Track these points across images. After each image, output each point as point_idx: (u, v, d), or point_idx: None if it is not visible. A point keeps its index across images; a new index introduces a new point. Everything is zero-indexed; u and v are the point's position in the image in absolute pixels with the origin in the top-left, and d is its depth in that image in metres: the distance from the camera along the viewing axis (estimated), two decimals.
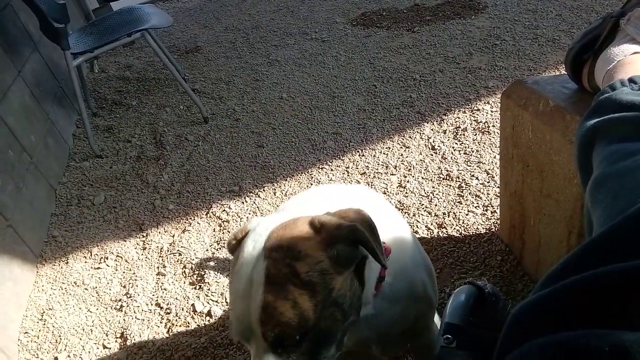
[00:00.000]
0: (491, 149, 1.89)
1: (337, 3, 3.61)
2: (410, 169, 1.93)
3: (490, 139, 1.94)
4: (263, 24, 3.64)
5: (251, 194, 2.03)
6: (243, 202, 1.99)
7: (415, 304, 0.90)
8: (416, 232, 1.66)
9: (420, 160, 1.97)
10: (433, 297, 0.95)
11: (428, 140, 2.06)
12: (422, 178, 1.88)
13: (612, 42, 0.96)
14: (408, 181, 1.87)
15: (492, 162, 1.84)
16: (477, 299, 0.73)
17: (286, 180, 2.06)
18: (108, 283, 1.78)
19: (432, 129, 2.11)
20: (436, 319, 1.07)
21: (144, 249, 1.88)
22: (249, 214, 1.93)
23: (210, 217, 1.96)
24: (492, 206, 1.66)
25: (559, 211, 1.13)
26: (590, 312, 0.45)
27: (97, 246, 1.95)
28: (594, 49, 1.00)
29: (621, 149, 0.65)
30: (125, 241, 1.94)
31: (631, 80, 0.78)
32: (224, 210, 1.97)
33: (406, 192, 1.83)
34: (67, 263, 1.91)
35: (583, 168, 0.76)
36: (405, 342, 0.95)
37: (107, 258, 1.88)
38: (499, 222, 1.56)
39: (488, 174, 1.79)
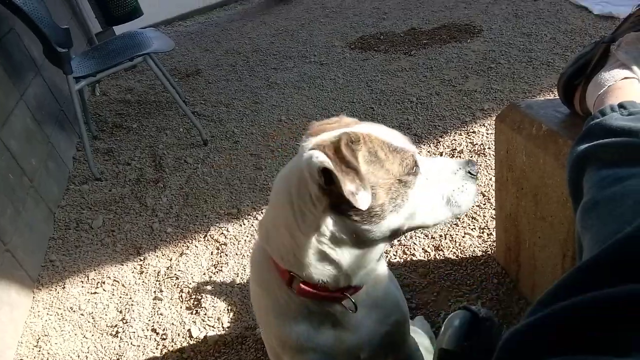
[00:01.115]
0: (487, 171, 1.90)
1: (336, 27, 3.67)
2: None
3: (485, 161, 1.95)
4: (263, 47, 3.70)
5: (249, 217, 2.03)
6: (241, 225, 1.99)
7: (392, 311, 0.93)
8: (413, 254, 1.66)
9: None
10: (405, 308, 0.99)
11: None
12: None
13: (603, 68, 0.98)
14: None
15: (487, 184, 1.84)
16: (471, 323, 0.73)
17: None
18: (104, 308, 1.77)
19: (428, 151, 2.13)
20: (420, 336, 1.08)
21: (141, 272, 1.88)
22: (247, 236, 1.93)
23: (208, 240, 1.96)
24: (489, 228, 1.66)
25: (553, 234, 1.13)
26: (578, 339, 0.45)
27: (94, 270, 1.95)
28: (585, 73, 1.02)
29: (611, 175, 0.66)
30: (122, 265, 1.94)
31: (621, 106, 0.79)
32: (222, 233, 1.97)
33: None
34: (63, 288, 1.90)
35: (575, 192, 0.76)
36: (386, 352, 0.96)
37: (104, 282, 1.87)
38: (494, 244, 1.56)
39: (484, 195, 1.80)
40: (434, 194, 0.78)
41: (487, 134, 2.10)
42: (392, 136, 0.77)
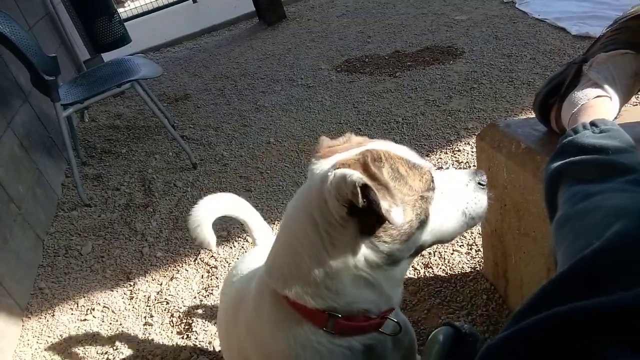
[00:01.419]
0: None
1: (322, 51, 3.74)
2: None
3: None
4: (251, 71, 3.76)
5: (239, 239, 2.04)
6: (231, 247, 2.00)
7: (406, 330, 0.88)
8: None
9: None
10: (410, 326, 1.00)
11: None
12: None
13: (577, 87, 1.02)
14: None
15: None
16: (455, 339, 0.75)
17: (274, 223, 2.08)
18: (94, 335, 1.75)
19: None
20: None
21: (131, 298, 1.87)
22: (238, 259, 1.93)
23: (198, 263, 1.96)
24: (476, 245, 1.68)
25: (537, 249, 1.16)
26: (551, 351, 0.47)
27: (84, 297, 1.93)
28: (560, 93, 1.06)
29: (582, 191, 0.69)
30: (112, 291, 1.93)
31: (592, 124, 0.83)
32: (212, 256, 1.98)
33: None
34: (53, 316, 1.88)
35: (551, 208, 0.79)
36: None
37: (93, 309, 1.86)
38: (483, 260, 1.59)
39: None
40: (451, 208, 0.78)
41: (472, 152, 2.14)
42: (407, 153, 0.78)
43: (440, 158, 2.18)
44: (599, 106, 0.93)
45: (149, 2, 7.02)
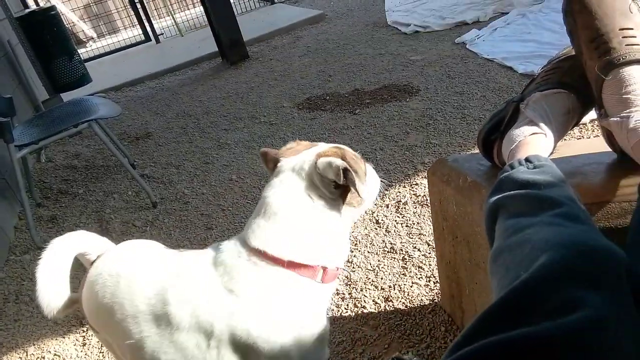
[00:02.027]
0: (430, 221, 1.98)
1: (284, 89, 3.82)
2: (356, 244, 1.99)
3: (428, 212, 2.04)
4: (213, 109, 3.78)
5: None
6: None
7: None
8: (364, 307, 1.68)
9: (366, 234, 2.03)
10: None
11: (372, 214, 2.14)
12: (368, 252, 1.93)
13: (515, 124, 1.08)
14: (355, 256, 1.92)
15: (431, 233, 1.92)
16: None
17: None
18: None
19: (375, 204, 2.20)
20: None
21: (84, 345, 1.79)
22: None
23: None
24: (434, 277, 1.71)
25: (488, 280, 1.19)
26: None
27: (34, 345, 1.84)
28: (500, 130, 1.13)
29: (514, 224, 0.73)
30: (64, 338, 1.84)
31: (527, 160, 0.88)
32: None
33: (353, 267, 1.87)
34: None
35: (491, 240, 0.83)
36: None
37: (43, 357, 1.77)
38: (440, 292, 1.61)
39: (429, 245, 1.87)
40: (374, 184, 1.11)
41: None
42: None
43: (399, 192, 2.23)
44: (534, 143, 0.99)
45: (111, 42, 7.03)
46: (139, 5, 6.78)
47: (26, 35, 3.70)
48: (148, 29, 6.88)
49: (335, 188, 0.97)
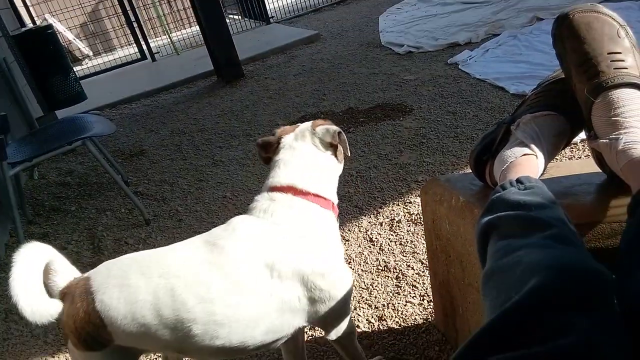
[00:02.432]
0: (423, 239, 1.99)
1: (279, 107, 3.85)
2: (350, 262, 1.98)
3: (422, 230, 2.05)
4: (208, 127, 3.80)
5: None
6: None
7: None
8: (358, 326, 1.67)
9: (359, 252, 2.03)
10: None
11: (366, 232, 2.14)
12: (362, 270, 1.93)
13: (506, 145, 1.10)
14: None
15: (425, 251, 1.92)
16: None
17: None
18: None
19: (369, 222, 2.21)
20: None
21: None
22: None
23: None
24: (428, 295, 1.71)
25: (480, 299, 1.19)
26: None
27: None
28: (491, 151, 1.14)
29: (505, 246, 0.73)
30: (53, 357, 1.81)
31: (518, 181, 0.89)
32: None
33: None
34: None
35: (482, 261, 0.84)
36: None
37: None
38: (434, 311, 1.61)
39: (422, 263, 1.87)
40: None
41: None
42: None
43: (393, 210, 2.24)
44: (525, 164, 1.00)
45: (107, 60, 7.07)
46: (135, 24, 6.85)
47: (22, 53, 3.71)
48: (144, 47, 6.93)
49: (328, 147, 1.24)
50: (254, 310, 1.03)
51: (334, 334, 1.20)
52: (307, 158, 1.21)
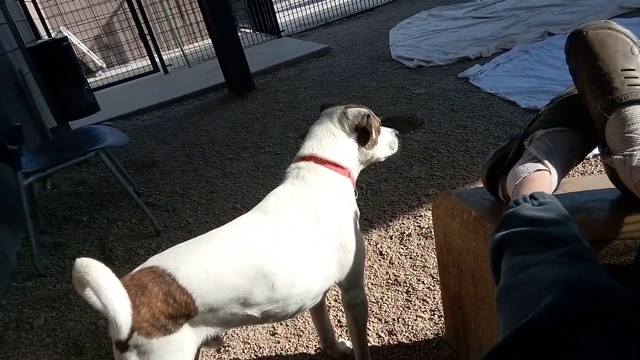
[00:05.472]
0: (434, 253, 1.98)
1: (290, 120, 3.87)
2: None
3: (432, 244, 2.04)
4: (219, 139, 3.83)
5: None
6: None
7: None
8: (368, 340, 1.66)
9: (369, 265, 2.02)
10: None
11: (376, 246, 2.14)
12: (372, 284, 1.92)
13: (519, 161, 1.09)
14: None
15: (436, 266, 1.91)
16: None
17: None
18: None
19: (379, 235, 2.20)
20: None
21: None
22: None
23: None
24: (439, 310, 1.70)
25: (493, 315, 1.18)
26: None
27: None
28: (504, 166, 1.14)
29: (520, 262, 0.73)
30: None
31: (532, 197, 0.89)
32: None
33: None
34: None
35: (495, 276, 0.83)
36: None
37: None
38: (445, 327, 1.59)
39: (433, 277, 1.86)
40: (385, 140, 1.48)
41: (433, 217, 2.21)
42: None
43: (403, 223, 2.23)
44: (538, 179, 0.99)
45: (120, 72, 7.18)
46: (148, 37, 6.96)
47: (37, 64, 3.79)
48: (157, 60, 7.03)
49: (354, 130, 1.38)
50: (314, 257, 1.23)
51: (352, 293, 1.34)
52: (328, 133, 1.38)
